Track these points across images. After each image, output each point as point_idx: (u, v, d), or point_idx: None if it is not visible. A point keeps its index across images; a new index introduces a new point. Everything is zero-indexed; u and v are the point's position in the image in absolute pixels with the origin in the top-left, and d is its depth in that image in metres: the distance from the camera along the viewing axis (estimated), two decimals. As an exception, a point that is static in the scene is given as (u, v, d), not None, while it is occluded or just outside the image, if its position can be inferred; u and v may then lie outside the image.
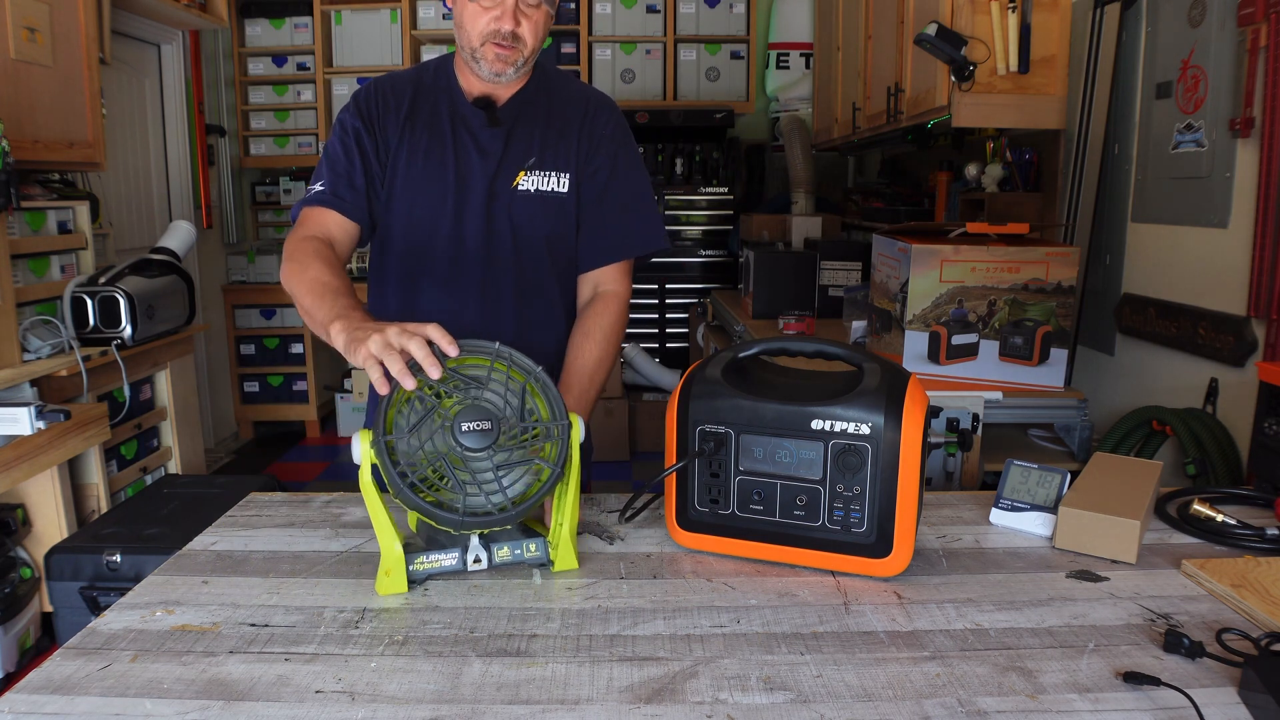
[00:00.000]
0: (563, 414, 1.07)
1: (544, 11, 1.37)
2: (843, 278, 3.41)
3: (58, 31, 2.80)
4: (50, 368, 2.56)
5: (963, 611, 1.00)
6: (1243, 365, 1.91)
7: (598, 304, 1.49)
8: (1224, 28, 1.95)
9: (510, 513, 1.03)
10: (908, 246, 2.26)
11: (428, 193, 1.44)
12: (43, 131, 2.74)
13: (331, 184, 1.41)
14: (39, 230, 2.76)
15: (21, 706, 0.82)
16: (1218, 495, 1.34)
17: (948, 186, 3.41)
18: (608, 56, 5.02)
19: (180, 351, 3.33)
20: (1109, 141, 2.42)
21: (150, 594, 1.06)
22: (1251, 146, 1.87)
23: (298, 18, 5.01)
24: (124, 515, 2.30)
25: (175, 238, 3.24)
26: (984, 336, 2.24)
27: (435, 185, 1.44)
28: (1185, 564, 1.10)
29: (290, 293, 1.28)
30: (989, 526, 1.25)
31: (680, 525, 1.16)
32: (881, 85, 3.35)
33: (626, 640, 0.94)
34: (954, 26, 2.59)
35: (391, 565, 1.04)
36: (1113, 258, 2.43)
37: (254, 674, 0.88)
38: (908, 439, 1.03)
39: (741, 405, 1.09)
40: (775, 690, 0.85)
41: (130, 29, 4.11)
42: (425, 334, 1.03)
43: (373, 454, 1.01)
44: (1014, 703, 0.82)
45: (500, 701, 0.83)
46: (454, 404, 1.02)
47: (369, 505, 1.03)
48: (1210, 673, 0.87)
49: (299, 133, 5.12)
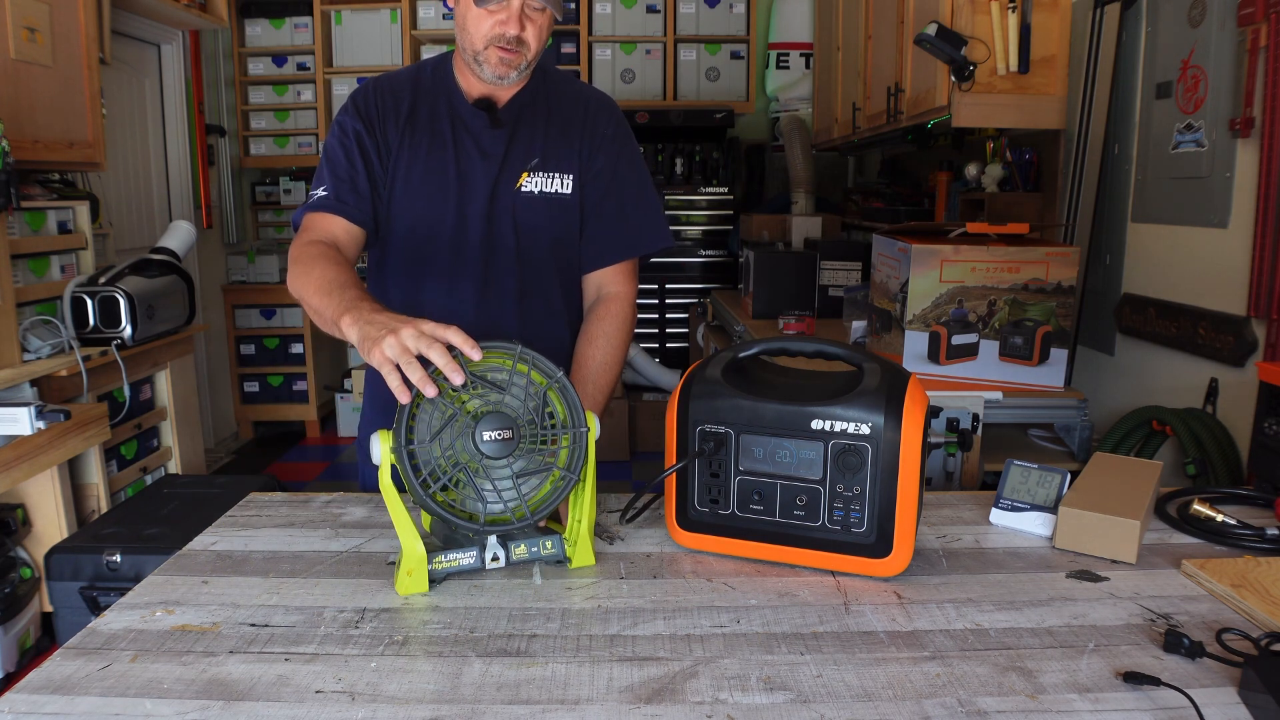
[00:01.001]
0: (581, 419, 1.07)
1: (548, 15, 1.36)
2: (843, 278, 3.41)
3: (58, 31, 2.80)
4: (50, 368, 2.56)
5: (963, 611, 1.00)
6: (1243, 365, 1.91)
7: (600, 308, 1.48)
8: (1224, 28, 1.95)
9: (528, 518, 1.04)
10: (908, 246, 2.26)
11: (429, 195, 1.43)
12: (43, 131, 2.74)
13: (335, 188, 1.39)
14: (39, 230, 2.76)
15: (21, 706, 0.82)
16: (1218, 495, 1.34)
17: (948, 186, 3.41)
18: (608, 56, 5.02)
19: (180, 351, 3.33)
20: (1109, 141, 2.42)
21: (150, 594, 1.06)
22: (1251, 146, 1.87)
23: (298, 18, 5.01)
24: (124, 515, 2.30)
25: (175, 238, 3.24)
26: (984, 336, 2.24)
27: (437, 187, 1.43)
28: (1185, 564, 1.10)
29: (298, 297, 1.25)
30: (989, 526, 1.25)
31: (680, 525, 1.16)
32: (881, 85, 3.35)
33: (626, 640, 0.94)
34: (954, 26, 2.59)
35: (414, 565, 1.04)
36: (1113, 258, 2.43)
37: (254, 674, 0.88)
38: (908, 439, 1.03)
39: (741, 405, 1.09)
40: (775, 690, 0.85)
41: (130, 29, 4.11)
42: (446, 339, 0.99)
43: (393, 456, 1.01)
44: (1014, 703, 0.82)
45: (500, 701, 0.83)
46: (474, 406, 1.03)
47: (390, 506, 1.04)
48: (1210, 673, 0.87)
49: (299, 133, 5.12)
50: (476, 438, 1.01)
